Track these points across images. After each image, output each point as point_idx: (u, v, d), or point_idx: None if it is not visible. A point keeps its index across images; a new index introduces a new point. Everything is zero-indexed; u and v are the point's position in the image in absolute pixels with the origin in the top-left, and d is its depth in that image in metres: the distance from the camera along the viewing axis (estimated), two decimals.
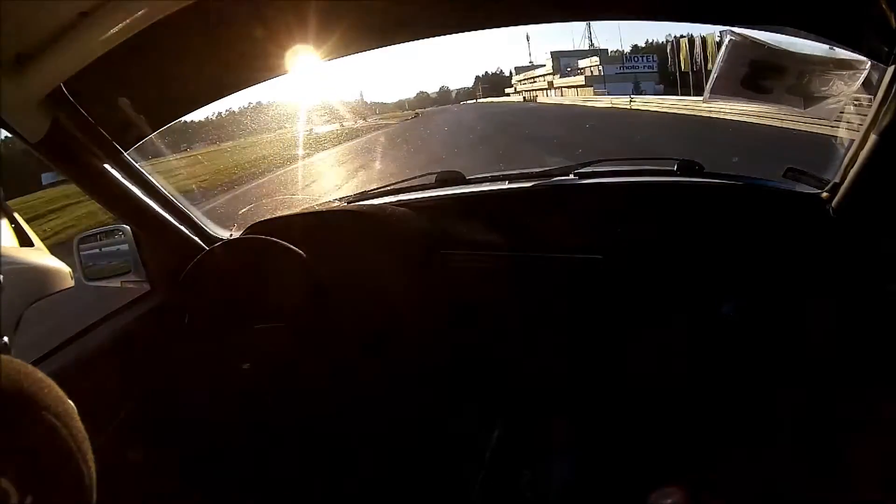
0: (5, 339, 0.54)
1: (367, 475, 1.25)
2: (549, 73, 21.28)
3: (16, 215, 0.63)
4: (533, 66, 23.17)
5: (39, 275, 0.59)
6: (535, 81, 22.88)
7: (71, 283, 0.63)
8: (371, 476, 1.25)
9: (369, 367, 1.28)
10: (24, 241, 0.61)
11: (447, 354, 1.29)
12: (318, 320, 1.22)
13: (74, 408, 0.41)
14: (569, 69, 19.84)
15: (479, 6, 1.16)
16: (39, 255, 0.60)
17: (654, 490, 1.06)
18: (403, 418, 1.29)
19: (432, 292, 1.33)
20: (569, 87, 19.77)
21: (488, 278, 1.33)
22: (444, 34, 1.25)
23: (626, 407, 1.25)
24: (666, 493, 1.04)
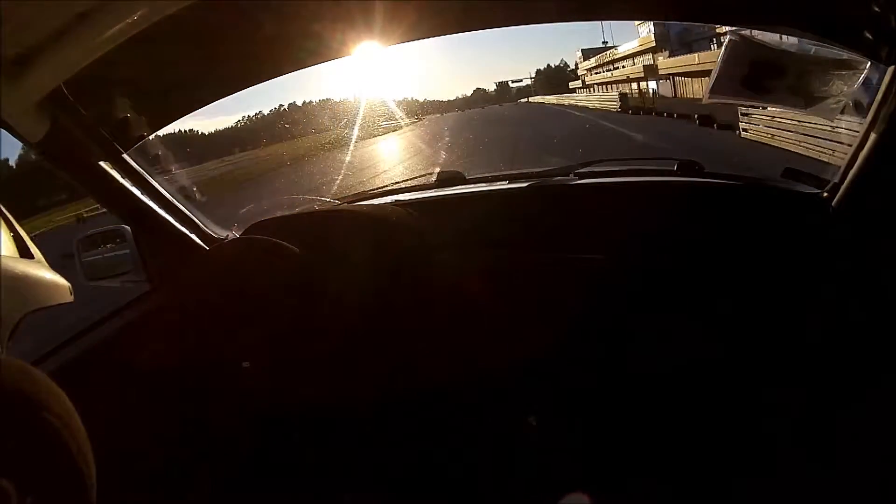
0: None
1: (364, 473, 1.26)
2: (646, 49, 11.92)
3: (17, 226, 0.63)
4: (606, 48, 14.48)
5: (38, 286, 0.59)
6: (615, 66, 13.11)
7: (70, 297, 0.63)
8: (369, 474, 1.25)
9: (368, 366, 1.28)
10: (25, 253, 0.61)
11: (445, 353, 1.29)
12: (317, 320, 1.22)
13: (74, 408, 0.41)
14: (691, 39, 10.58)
15: (478, 7, 1.16)
16: (39, 268, 0.60)
17: (564, 495, 1.05)
18: (402, 417, 1.29)
19: (431, 292, 1.33)
20: (695, 72, 9.60)
21: (487, 278, 1.33)
22: (446, 34, 1.25)
23: (625, 406, 1.25)
24: (574, 500, 1.04)
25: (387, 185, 1.63)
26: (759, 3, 1.03)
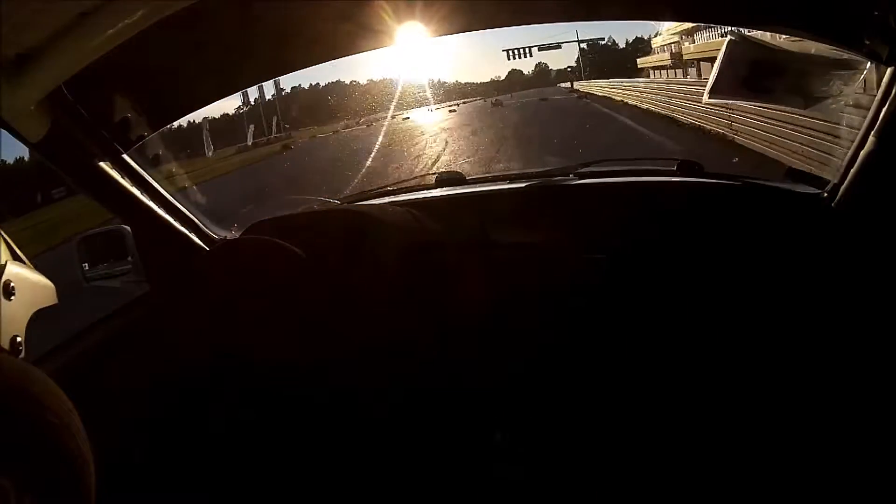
0: (19, 338, 0.55)
1: (361, 472, 1.26)
2: None
3: (0, 231, 0.63)
4: None
5: (33, 288, 0.60)
6: None
7: (55, 299, 0.63)
8: (365, 474, 1.25)
9: (367, 366, 1.28)
10: (15, 257, 0.61)
11: (445, 353, 1.29)
12: (317, 320, 1.22)
13: (74, 408, 0.41)
14: None
15: (477, 8, 1.16)
16: (29, 270, 0.61)
17: None
18: (401, 417, 1.29)
19: (430, 292, 1.33)
20: None
21: (487, 279, 1.33)
22: (445, 34, 1.25)
23: (625, 406, 1.25)
24: None
25: (387, 186, 1.63)
26: (759, 3, 1.03)
